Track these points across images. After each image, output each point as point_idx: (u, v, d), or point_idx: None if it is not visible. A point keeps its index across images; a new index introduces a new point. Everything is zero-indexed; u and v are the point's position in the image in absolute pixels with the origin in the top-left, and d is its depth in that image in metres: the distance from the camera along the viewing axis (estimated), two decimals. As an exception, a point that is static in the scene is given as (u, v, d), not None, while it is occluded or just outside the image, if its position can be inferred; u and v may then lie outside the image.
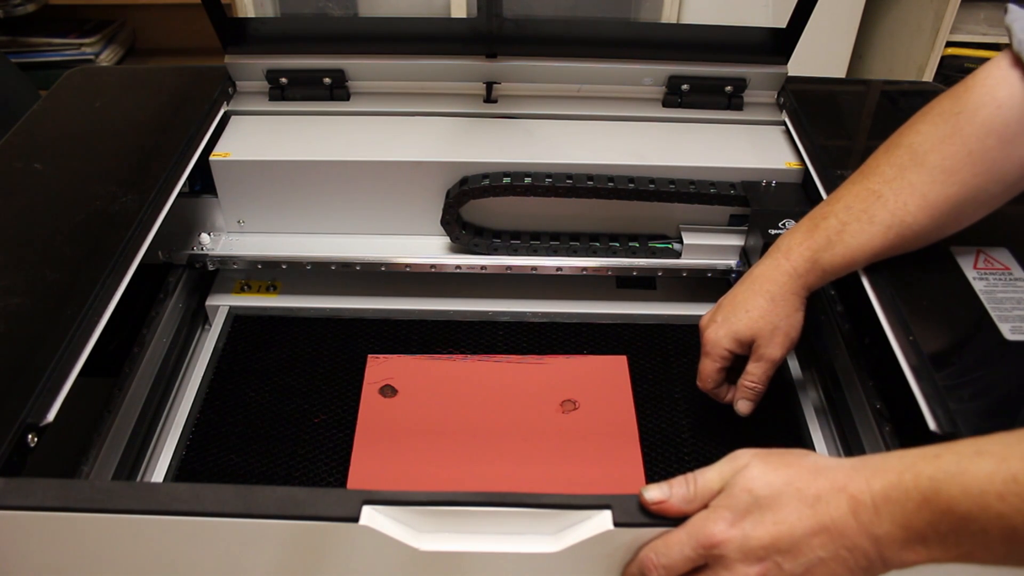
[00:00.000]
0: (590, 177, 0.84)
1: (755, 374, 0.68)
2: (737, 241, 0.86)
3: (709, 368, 0.70)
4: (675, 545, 0.48)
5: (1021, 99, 0.60)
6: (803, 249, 0.66)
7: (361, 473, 0.70)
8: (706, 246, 0.86)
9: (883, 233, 0.64)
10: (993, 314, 0.63)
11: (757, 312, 0.67)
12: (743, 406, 0.70)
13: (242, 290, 0.89)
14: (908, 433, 0.64)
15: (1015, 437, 0.44)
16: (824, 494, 0.46)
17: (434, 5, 1.89)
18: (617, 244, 0.88)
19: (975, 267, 0.67)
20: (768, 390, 0.69)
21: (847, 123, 0.94)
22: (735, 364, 0.70)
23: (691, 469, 0.50)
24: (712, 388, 0.71)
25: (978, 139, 0.61)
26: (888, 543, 0.45)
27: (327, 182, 0.86)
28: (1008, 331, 0.62)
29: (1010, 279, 0.66)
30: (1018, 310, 0.63)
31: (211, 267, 0.87)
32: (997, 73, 0.62)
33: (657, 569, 0.48)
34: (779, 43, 0.90)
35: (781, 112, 0.94)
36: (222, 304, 0.87)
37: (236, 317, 0.86)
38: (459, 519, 0.49)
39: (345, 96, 0.94)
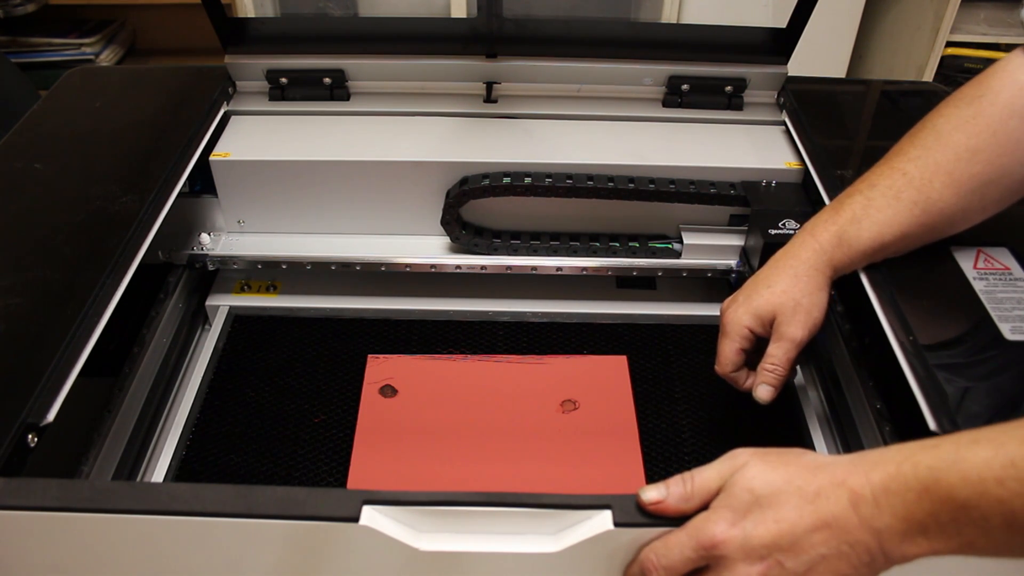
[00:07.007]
0: (590, 177, 0.84)
1: (775, 356, 0.65)
2: (737, 241, 0.86)
3: (728, 349, 0.67)
4: (676, 546, 0.48)
5: None
6: (828, 225, 0.66)
7: (361, 473, 0.70)
8: (706, 246, 0.86)
9: (909, 210, 0.64)
10: (993, 314, 0.63)
11: (779, 288, 0.65)
12: (763, 392, 0.65)
13: (242, 290, 0.89)
14: (908, 433, 0.64)
15: (1011, 425, 0.44)
16: (824, 490, 0.46)
17: (434, 5, 1.89)
18: (617, 244, 0.88)
19: (975, 267, 0.67)
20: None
21: (847, 123, 0.94)
22: (758, 347, 0.68)
23: (691, 469, 0.50)
24: (731, 372, 0.68)
25: (1001, 120, 0.62)
26: (889, 536, 0.45)
27: (327, 182, 0.86)
28: (1008, 331, 0.62)
29: (1010, 279, 0.66)
30: (1018, 310, 0.63)
31: (211, 267, 0.87)
32: (1017, 60, 0.64)
33: (658, 570, 0.48)
34: (779, 43, 0.90)
35: (781, 112, 0.94)
36: (222, 304, 0.87)
37: (236, 317, 0.86)
38: (459, 519, 0.49)
39: (345, 96, 0.94)
